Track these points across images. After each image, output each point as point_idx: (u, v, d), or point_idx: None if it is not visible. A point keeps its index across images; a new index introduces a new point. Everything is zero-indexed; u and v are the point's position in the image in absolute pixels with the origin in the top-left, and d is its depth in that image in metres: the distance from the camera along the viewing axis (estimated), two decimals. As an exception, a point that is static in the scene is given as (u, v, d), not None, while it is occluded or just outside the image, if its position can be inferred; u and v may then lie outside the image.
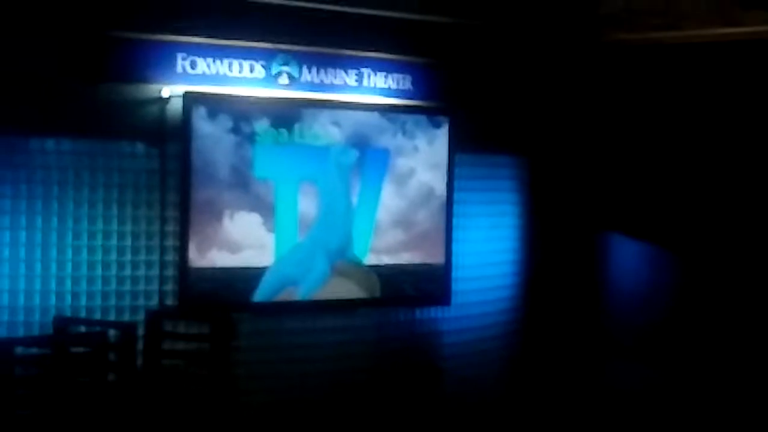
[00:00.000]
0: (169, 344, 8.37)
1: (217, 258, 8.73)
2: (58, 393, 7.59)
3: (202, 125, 8.63)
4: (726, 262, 10.20)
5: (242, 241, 8.83)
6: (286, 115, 9.00)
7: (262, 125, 8.89)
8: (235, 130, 8.77)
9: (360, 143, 9.34)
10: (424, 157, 9.69)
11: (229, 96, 8.78)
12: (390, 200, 9.55)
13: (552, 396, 10.46)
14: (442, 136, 9.76)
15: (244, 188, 8.83)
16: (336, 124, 9.21)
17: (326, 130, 9.17)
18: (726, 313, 10.12)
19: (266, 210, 8.93)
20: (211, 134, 8.67)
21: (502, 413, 10.24)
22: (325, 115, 9.16)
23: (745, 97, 10.11)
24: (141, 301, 8.53)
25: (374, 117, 9.42)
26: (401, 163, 9.59)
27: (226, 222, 8.77)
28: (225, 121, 8.72)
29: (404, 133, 9.58)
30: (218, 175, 8.72)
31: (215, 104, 8.69)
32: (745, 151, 10.14)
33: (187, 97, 8.57)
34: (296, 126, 9.03)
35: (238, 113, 8.78)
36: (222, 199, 8.74)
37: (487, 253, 10.34)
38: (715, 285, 10.25)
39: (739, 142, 10.16)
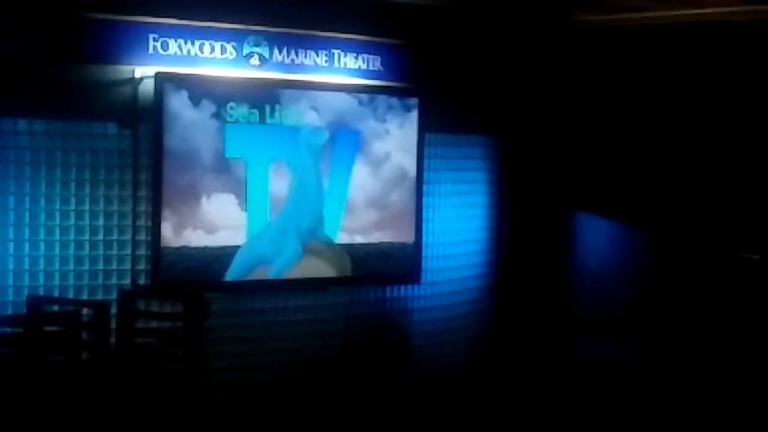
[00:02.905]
0: (142, 323, 8.43)
1: (189, 237, 8.76)
2: (31, 372, 7.63)
3: (174, 106, 8.65)
4: (694, 239, 10.30)
5: (214, 220, 8.86)
6: (257, 96, 9.02)
7: (233, 105, 8.91)
8: (207, 110, 8.79)
9: (330, 124, 9.39)
10: (394, 137, 9.75)
11: (201, 77, 8.80)
12: (361, 180, 9.61)
13: (521, 373, 10.54)
14: (413, 116, 9.82)
15: (216, 168, 8.86)
16: (307, 104, 9.26)
17: (297, 111, 9.22)
18: (695, 290, 10.22)
19: (237, 190, 8.96)
20: (182, 114, 8.69)
21: (472, 391, 10.32)
22: (295, 96, 9.19)
23: (711, 78, 10.22)
24: (114, 281, 8.55)
25: (345, 97, 9.46)
26: (372, 143, 9.65)
27: (198, 201, 8.80)
28: (196, 102, 8.74)
29: (375, 113, 9.63)
30: (190, 155, 8.74)
31: (187, 85, 8.70)
32: (712, 129, 10.25)
33: (159, 77, 8.58)
34: (267, 106, 9.06)
35: (209, 94, 8.80)
36: (194, 179, 8.77)
37: (458, 231, 10.42)
38: (683, 262, 10.35)
39: (707, 121, 10.26)
